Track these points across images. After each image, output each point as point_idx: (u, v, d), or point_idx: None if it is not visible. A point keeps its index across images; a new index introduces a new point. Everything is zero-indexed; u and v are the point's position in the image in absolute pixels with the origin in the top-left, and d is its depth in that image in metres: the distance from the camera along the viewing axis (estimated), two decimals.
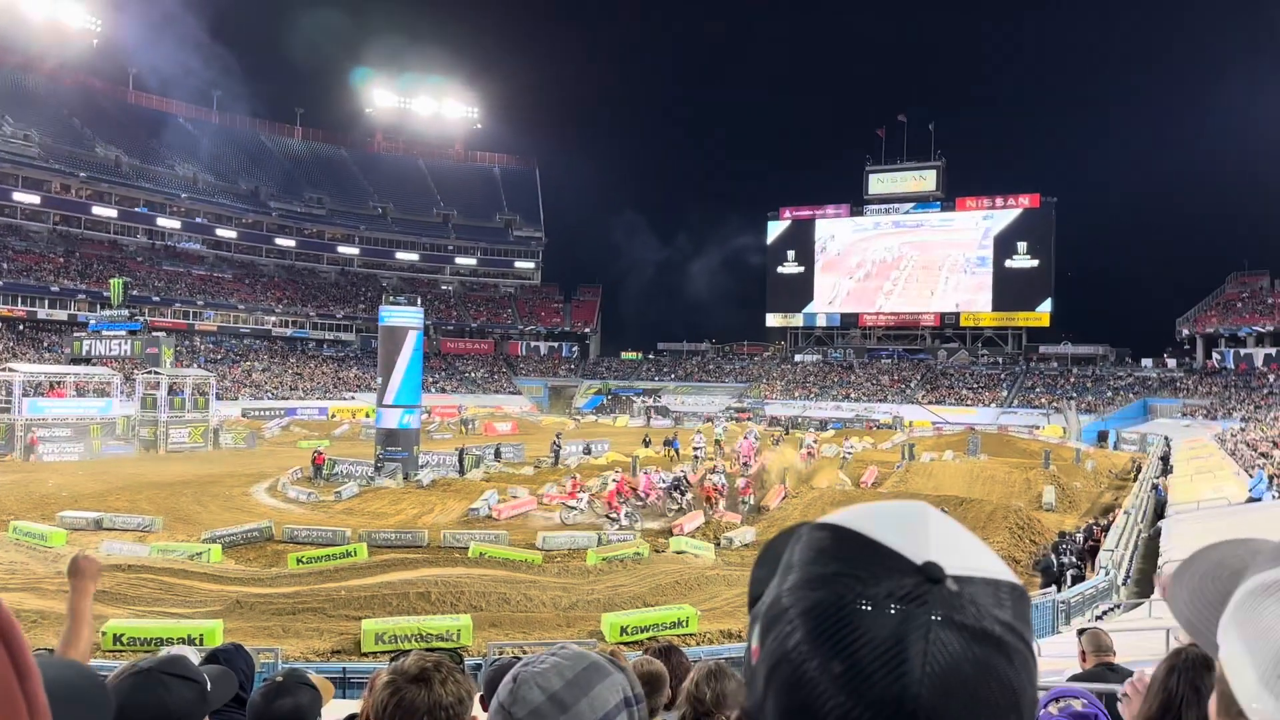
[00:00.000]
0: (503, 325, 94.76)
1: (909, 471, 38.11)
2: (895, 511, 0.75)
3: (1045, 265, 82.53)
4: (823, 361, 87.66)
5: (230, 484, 34.02)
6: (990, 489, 33.35)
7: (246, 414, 60.43)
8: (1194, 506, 24.17)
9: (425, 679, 1.83)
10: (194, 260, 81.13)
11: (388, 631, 15.63)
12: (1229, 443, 39.52)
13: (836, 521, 0.74)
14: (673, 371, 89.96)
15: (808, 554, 0.73)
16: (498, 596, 18.49)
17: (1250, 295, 72.89)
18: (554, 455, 42.82)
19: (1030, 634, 0.72)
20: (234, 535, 24.41)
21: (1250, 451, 34.67)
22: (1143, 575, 19.53)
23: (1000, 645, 0.68)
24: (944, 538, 0.72)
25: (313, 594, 18.55)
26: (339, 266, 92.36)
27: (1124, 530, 22.33)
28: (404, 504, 30.85)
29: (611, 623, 16.54)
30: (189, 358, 65.51)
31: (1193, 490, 27.43)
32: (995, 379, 78.03)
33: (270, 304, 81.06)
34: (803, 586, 0.70)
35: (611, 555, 22.72)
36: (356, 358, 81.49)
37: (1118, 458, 47.99)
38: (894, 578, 0.68)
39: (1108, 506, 31.06)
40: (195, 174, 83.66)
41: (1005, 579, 0.72)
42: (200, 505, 29.72)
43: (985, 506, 27.45)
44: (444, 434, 55.98)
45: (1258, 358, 67.48)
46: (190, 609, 17.46)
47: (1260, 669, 0.73)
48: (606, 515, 28.01)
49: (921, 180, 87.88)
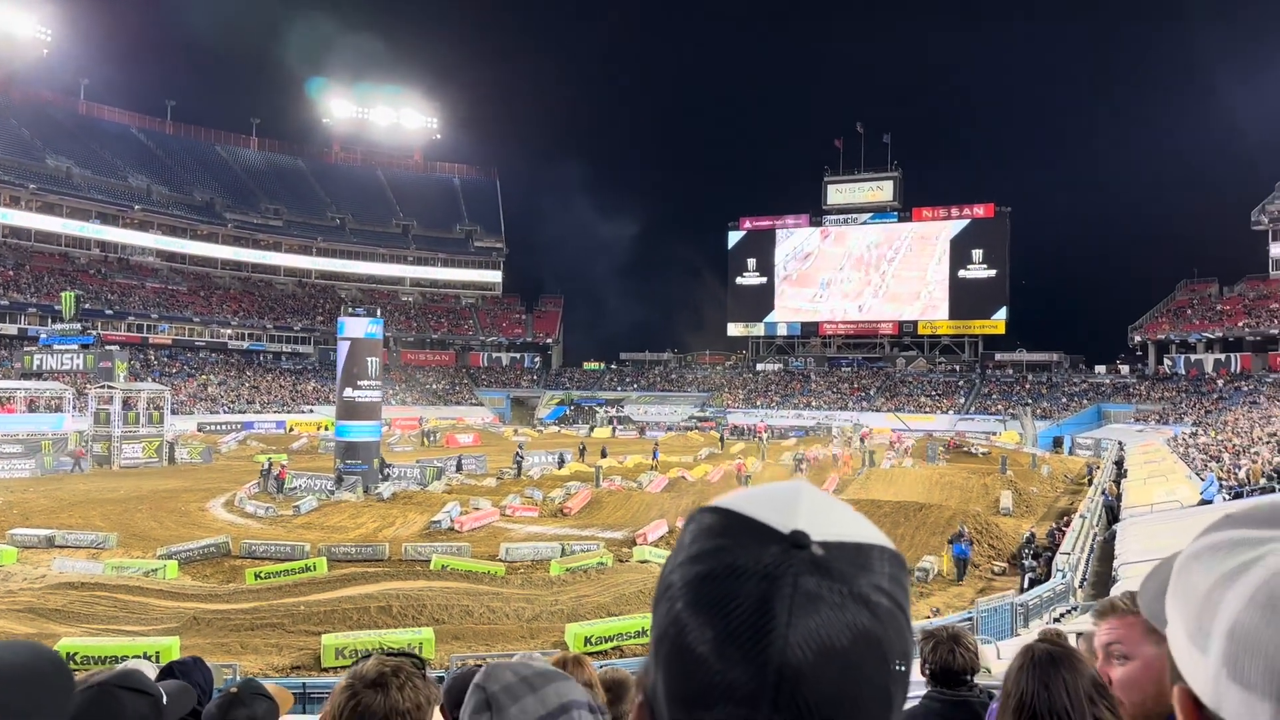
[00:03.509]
0: (464, 336, 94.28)
1: (869, 478, 38.42)
2: (772, 490, 0.79)
3: (1001, 274, 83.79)
4: (784, 370, 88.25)
5: (186, 499, 33.53)
6: (949, 494, 33.69)
7: (202, 428, 59.56)
8: (1147, 510, 24.57)
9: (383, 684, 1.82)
10: (147, 272, 79.83)
11: (348, 646, 15.46)
12: (1181, 447, 40.27)
13: (720, 504, 0.78)
14: (635, 381, 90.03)
15: (694, 534, 0.76)
16: (460, 609, 18.36)
17: (1200, 302, 74.43)
18: (516, 466, 42.69)
19: (903, 595, 0.74)
20: (190, 551, 24.08)
21: (1201, 455, 35.34)
22: (1098, 578, 19.84)
23: (866, 603, 0.70)
24: (814, 510, 0.76)
25: (271, 609, 18.30)
26: (296, 278, 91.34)
27: (1080, 534, 22.65)
28: (364, 517, 30.56)
29: (575, 633, 16.50)
30: (143, 371, 64.47)
31: (1146, 494, 27.88)
32: (953, 386, 78.99)
33: (226, 316, 79.97)
34: (686, 563, 0.74)
35: (575, 565, 22.68)
36: (315, 370, 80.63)
37: (1073, 463, 48.74)
38: (763, 546, 0.72)
39: (1064, 511, 31.52)
40: (149, 185, 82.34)
41: (876, 543, 0.76)
42: (155, 521, 29.24)
43: (944, 512, 27.74)
44: (405, 446, 55.59)
45: (1208, 363, 68.85)
46: (146, 626, 17.17)
47: (1188, 627, 0.79)
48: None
49: (879, 191, 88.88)
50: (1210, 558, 0.80)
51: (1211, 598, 0.77)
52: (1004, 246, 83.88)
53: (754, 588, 0.69)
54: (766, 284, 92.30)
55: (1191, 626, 0.79)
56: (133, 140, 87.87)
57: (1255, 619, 0.72)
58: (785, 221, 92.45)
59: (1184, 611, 0.80)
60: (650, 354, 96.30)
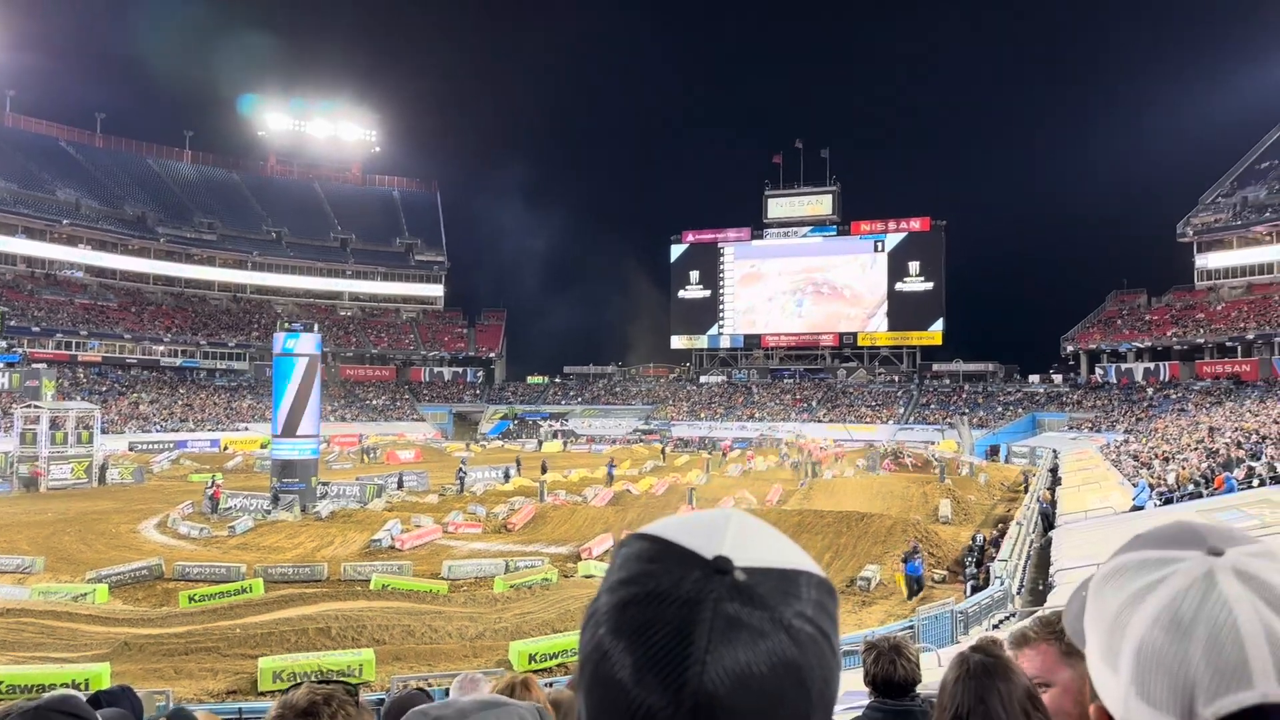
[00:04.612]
0: (404, 351, 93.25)
1: (812, 489, 38.72)
2: (701, 517, 0.79)
3: (937, 286, 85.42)
4: (727, 382, 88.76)
5: (117, 521, 32.62)
6: (889, 504, 34.10)
7: (134, 448, 58.10)
8: (1082, 516, 25.12)
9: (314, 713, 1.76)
10: (77, 289, 77.71)
11: (286, 669, 15.12)
12: (1113, 454, 41.23)
13: (648, 530, 0.78)
14: (579, 395, 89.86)
15: (622, 559, 0.77)
16: (401, 629, 18.08)
17: (1129, 313, 76.51)
18: (459, 482, 42.31)
19: (828, 622, 0.75)
20: (121, 574, 23.44)
21: (1133, 462, 36.23)
22: (1035, 584, 20.20)
23: (789, 630, 0.70)
24: (741, 536, 0.76)
25: (206, 633, 17.85)
26: (231, 293, 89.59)
27: (1016, 541, 23.04)
28: (302, 537, 30.03)
29: (520, 651, 16.34)
30: (72, 390, 62.69)
31: (1081, 500, 28.49)
32: (892, 396, 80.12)
33: (158, 333, 78.12)
34: (611, 588, 0.74)
35: (520, 582, 22.49)
36: (250, 387, 79.06)
37: (1009, 471, 49.62)
38: (686, 571, 0.72)
39: (1001, 518, 32.06)
40: (78, 199, 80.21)
41: (803, 570, 0.76)
42: (85, 544, 28.42)
43: (885, 521, 28.04)
44: (343, 464, 54.75)
45: (1138, 372, 70.72)
46: (75, 653, 16.62)
47: (1100, 647, 0.83)
48: None
49: (818, 205, 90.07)
50: (1119, 578, 0.83)
51: (1120, 618, 0.80)
52: (940, 259, 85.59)
53: (675, 614, 0.69)
54: (709, 296, 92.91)
55: (1104, 646, 0.82)
56: (61, 153, 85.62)
57: (1160, 639, 0.75)
58: (727, 235, 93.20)
59: (1097, 632, 0.84)
60: (594, 367, 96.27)
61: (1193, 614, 0.76)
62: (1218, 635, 0.74)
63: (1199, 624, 0.75)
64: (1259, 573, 0.79)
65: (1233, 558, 0.80)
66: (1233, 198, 73.38)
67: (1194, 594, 0.77)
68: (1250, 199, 71.66)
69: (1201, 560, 0.80)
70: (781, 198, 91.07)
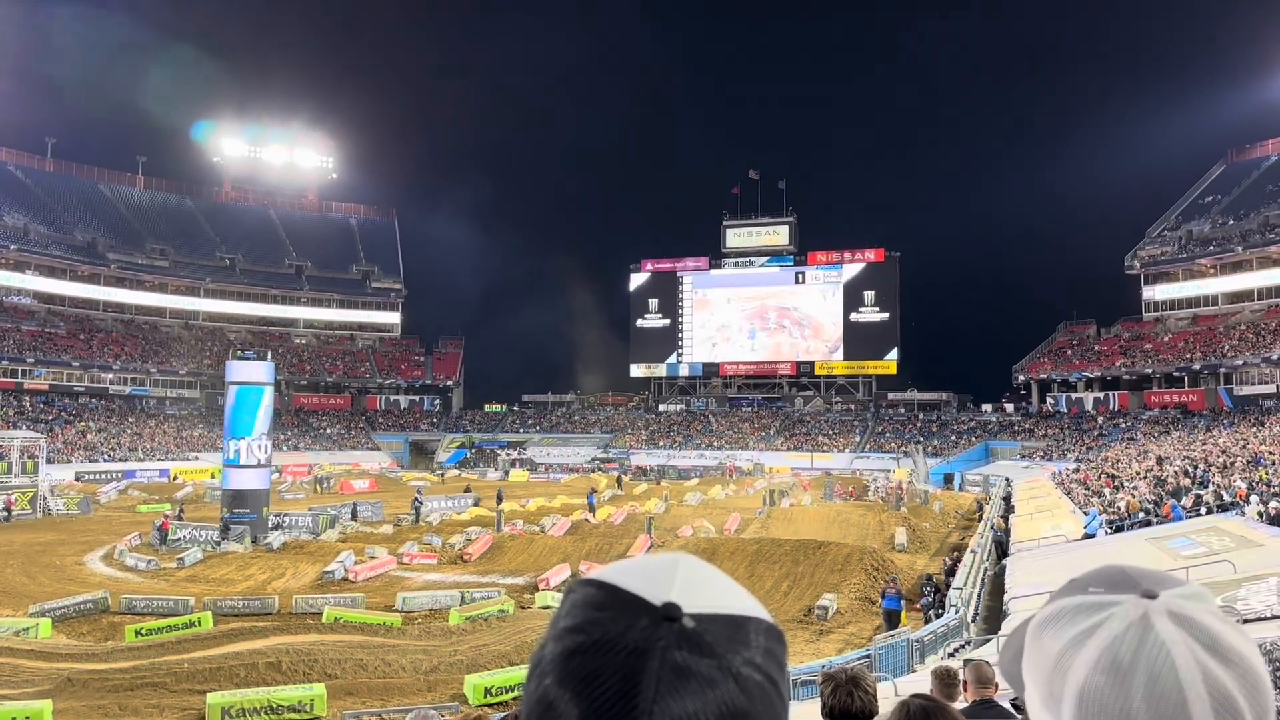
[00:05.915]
0: (360, 379, 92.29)
1: (770, 517, 38.79)
2: (649, 562, 0.79)
3: (892, 316, 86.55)
4: (686, 411, 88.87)
5: (62, 552, 31.86)
6: (846, 531, 34.23)
7: (80, 477, 56.82)
8: (1035, 544, 25.39)
9: None
10: (24, 315, 76.05)
11: (235, 705, 14.80)
12: (1064, 483, 41.80)
13: (596, 576, 0.78)
14: (538, 423, 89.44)
15: (569, 607, 0.76)
16: (354, 663, 17.77)
17: (1079, 343, 77.96)
18: (415, 512, 41.84)
19: (777, 670, 0.74)
20: (65, 608, 22.88)
21: (1084, 490, 36.75)
22: (990, 612, 20.36)
23: (737, 678, 0.70)
24: (690, 581, 0.75)
25: (153, 668, 17.40)
26: (183, 320, 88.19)
27: (971, 569, 23.22)
28: (252, 569, 29.50)
29: (475, 684, 16.13)
30: (17, 418, 61.40)
31: (1033, 528, 28.82)
32: (849, 425, 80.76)
33: (108, 360, 76.64)
34: (557, 637, 0.73)
35: (475, 614, 22.25)
36: (201, 415, 77.76)
37: (963, 498, 50.15)
38: (634, 619, 0.71)
39: (956, 545, 32.34)
40: (26, 224, 78.68)
41: (753, 616, 0.75)
42: (27, 576, 27.71)
43: (843, 549, 28.12)
44: (296, 494, 53.93)
45: (1088, 401, 71.98)
46: (15, 690, 16.14)
47: (1040, 692, 0.85)
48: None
49: (775, 235, 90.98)
50: (1058, 623, 0.85)
51: (1060, 663, 0.82)
52: (895, 290, 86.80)
53: (621, 662, 0.69)
54: (669, 325, 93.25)
55: (1044, 691, 0.83)
56: (9, 178, 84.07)
57: (1100, 682, 0.77)
58: (686, 264, 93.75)
59: (1036, 676, 0.85)
60: (553, 395, 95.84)
61: (1131, 657, 0.78)
62: (1157, 678, 0.76)
63: (1138, 667, 0.77)
64: (1193, 615, 0.81)
65: (1166, 600, 0.82)
66: (1178, 231, 75.32)
67: (1131, 637, 0.79)
68: (1195, 233, 73.60)
69: (1137, 604, 0.82)
70: (740, 228, 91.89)
